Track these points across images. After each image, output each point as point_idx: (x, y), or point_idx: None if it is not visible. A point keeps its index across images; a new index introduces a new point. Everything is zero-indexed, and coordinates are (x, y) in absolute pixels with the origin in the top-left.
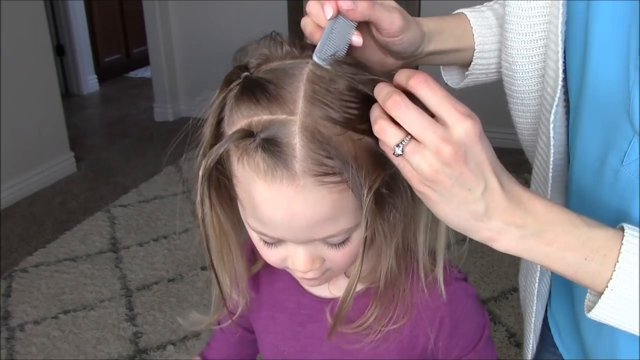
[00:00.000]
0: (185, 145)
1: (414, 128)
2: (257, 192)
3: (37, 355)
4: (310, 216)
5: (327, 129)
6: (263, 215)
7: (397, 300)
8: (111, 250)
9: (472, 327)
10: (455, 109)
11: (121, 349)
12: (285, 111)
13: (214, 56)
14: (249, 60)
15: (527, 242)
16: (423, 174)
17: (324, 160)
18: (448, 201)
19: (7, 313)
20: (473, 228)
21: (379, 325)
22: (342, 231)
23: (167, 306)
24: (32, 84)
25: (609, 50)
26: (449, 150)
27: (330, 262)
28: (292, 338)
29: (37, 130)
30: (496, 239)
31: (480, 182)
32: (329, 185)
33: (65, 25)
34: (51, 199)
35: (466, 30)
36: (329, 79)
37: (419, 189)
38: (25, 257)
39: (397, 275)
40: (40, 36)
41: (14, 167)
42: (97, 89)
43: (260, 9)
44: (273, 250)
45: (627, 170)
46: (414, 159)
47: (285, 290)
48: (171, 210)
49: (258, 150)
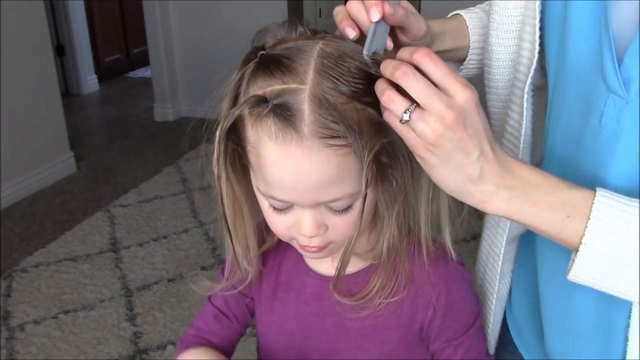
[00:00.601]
0: (185, 145)
1: (421, 95)
2: (268, 155)
3: (37, 355)
4: (316, 177)
5: (334, 97)
6: (273, 178)
7: (399, 272)
8: (111, 250)
9: (466, 312)
10: (456, 79)
11: (121, 349)
12: (296, 81)
13: (214, 56)
14: (266, 40)
15: (515, 203)
16: (426, 138)
17: (329, 124)
18: (447, 165)
19: (7, 313)
20: (467, 191)
21: (380, 298)
22: (346, 195)
23: (167, 306)
24: (32, 84)
25: (586, 23)
26: (451, 116)
27: (333, 229)
28: (296, 317)
29: (37, 130)
30: (487, 200)
31: (476, 147)
32: (334, 148)
33: (65, 25)
34: (51, 199)
35: (463, 30)
36: (337, 55)
37: (420, 155)
38: (25, 257)
39: (398, 246)
40: (40, 36)
41: (14, 167)
42: (97, 89)
43: (260, 9)
44: (281, 217)
45: (605, 129)
46: (419, 125)
47: (290, 272)
48: (171, 210)
49: (270, 115)
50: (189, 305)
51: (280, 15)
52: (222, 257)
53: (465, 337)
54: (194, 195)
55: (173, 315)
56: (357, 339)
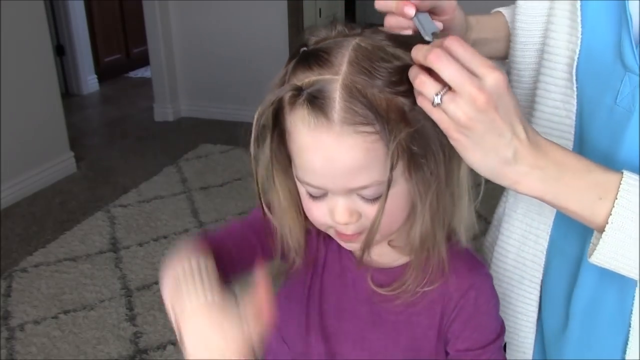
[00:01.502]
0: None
1: (453, 78)
2: (302, 141)
3: (37, 355)
4: (346, 162)
5: (365, 87)
6: (306, 163)
7: (433, 262)
8: (111, 250)
9: (488, 327)
10: (486, 62)
11: (121, 349)
12: (330, 72)
13: (214, 56)
14: (308, 38)
15: (548, 184)
16: (459, 121)
17: (359, 111)
18: (480, 147)
19: (7, 313)
20: (500, 172)
21: (415, 286)
22: (375, 182)
23: None
24: (32, 84)
25: (603, 4)
26: (483, 98)
27: (366, 217)
28: (332, 295)
29: (37, 130)
30: (521, 181)
31: (509, 128)
32: (362, 134)
33: (65, 25)
34: (51, 199)
35: (501, 21)
36: (370, 49)
37: (453, 137)
38: (25, 257)
39: (433, 237)
40: (40, 36)
41: (14, 167)
42: (97, 89)
43: (260, 9)
44: (317, 204)
45: (620, 106)
46: (451, 107)
47: (334, 251)
48: (171, 210)
49: (304, 103)
50: None
51: (281, 15)
52: None
53: (483, 351)
54: (194, 195)
55: None
56: (389, 330)
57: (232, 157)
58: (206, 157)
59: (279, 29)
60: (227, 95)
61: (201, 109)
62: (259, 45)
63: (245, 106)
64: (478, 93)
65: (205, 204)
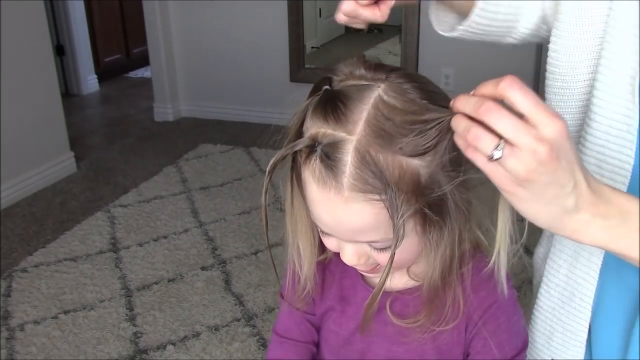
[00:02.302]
0: (185, 145)
1: (509, 131)
2: (312, 193)
3: (37, 355)
4: (353, 224)
5: (378, 153)
6: (314, 213)
7: (449, 304)
8: (111, 250)
9: (509, 343)
10: (546, 109)
11: (121, 349)
12: (346, 130)
13: (214, 56)
14: (334, 74)
15: (612, 232)
16: (518, 174)
17: (369, 179)
18: (540, 198)
19: (7, 313)
20: (561, 223)
21: (431, 325)
22: (384, 239)
23: (167, 306)
24: (32, 84)
25: None
26: (544, 150)
27: (374, 260)
28: (358, 327)
29: (37, 130)
30: (582, 230)
31: (571, 178)
32: (371, 202)
33: (65, 25)
34: (51, 199)
35: None
36: (392, 106)
37: (510, 191)
38: (25, 257)
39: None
40: (40, 36)
41: (14, 167)
42: (97, 89)
43: (260, 9)
44: (329, 239)
45: None
46: (510, 161)
47: (351, 287)
48: (171, 210)
49: (317, 159)
50: (189, 305)
51: (281, 15)
52: (222, 257)
53: None
54: (194, 195)
55: (173, 315)
56: (416, 348)
57: (232, 157)
58: (206, 157)
59: (279, 29)
60: (227, 95)
61: (201, 109)
62: (259, 45)
63: (245, 106)
64: (538, 144)
65: (205, 204)
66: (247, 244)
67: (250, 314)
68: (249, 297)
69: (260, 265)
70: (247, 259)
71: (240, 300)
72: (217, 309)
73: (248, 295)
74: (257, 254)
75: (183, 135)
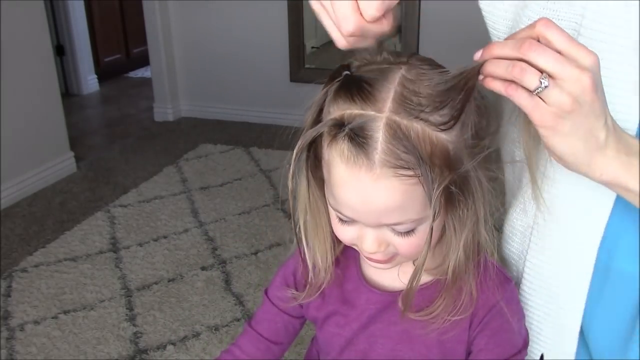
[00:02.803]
0: (185, 145)
1: (553, 64)
2: (338, 175)
3: (37, 355)
4: (382, 203)
5: (409, 128)
6: (341, 196)
7: (465, 292)
8: (111, 250)
9: (511, 341)
10: (582, 45)
11: (121, 349)
12: (374, 108)
13: (214, 56)
14: (351, 60)
15: (633, 170)
16: (562, 104)
17: (401, 155)
18: (576, 131)
19: (7, 313)
20: (590, 157)
21: (446, 315)
22: (409, 220)
23: (167, 306)
24: (32, 84)
25: None
26: (587, 77)
27: (395, 248)
28: (360, 328)
29: (37, 130)
30: (609, 165)
31: (605, 110)
32: (402, 178)
33: (65, 25)
34: (51, 199)
35: None
36: (417, 82)
37: (551, 124)
38: (25, 257)
39: (464, 267)
40: (40, 36)
41: (14, 167)
42: (97, 89)
43: (260, 9)
44: (347, 228)
45: None
46: (553, 92)
47: (353, 290)
48: (171, 210)
49: (345, 138)
50: (189, 305)
51: (281, 15)
52: (222, 257)
53: None
54: (194, 195)
55: (173, 315)
56: (420, 347)
57: (232, 157)
58: (206, 157)
59: (279, 29)
60: (227, 95)
61: (201, 109)
62: (259, 45)
63: (245, 106)
64: (581, 73)
65: (205, 204)
66: (247, 244)
67: (250, 314)
68: (249, 297)
69: (260, 265)
70: (247, 259)
71: (240, 300)
72: (217, 309)
73: (248, 295)
74: (257, 254)
75: (183, 135)
